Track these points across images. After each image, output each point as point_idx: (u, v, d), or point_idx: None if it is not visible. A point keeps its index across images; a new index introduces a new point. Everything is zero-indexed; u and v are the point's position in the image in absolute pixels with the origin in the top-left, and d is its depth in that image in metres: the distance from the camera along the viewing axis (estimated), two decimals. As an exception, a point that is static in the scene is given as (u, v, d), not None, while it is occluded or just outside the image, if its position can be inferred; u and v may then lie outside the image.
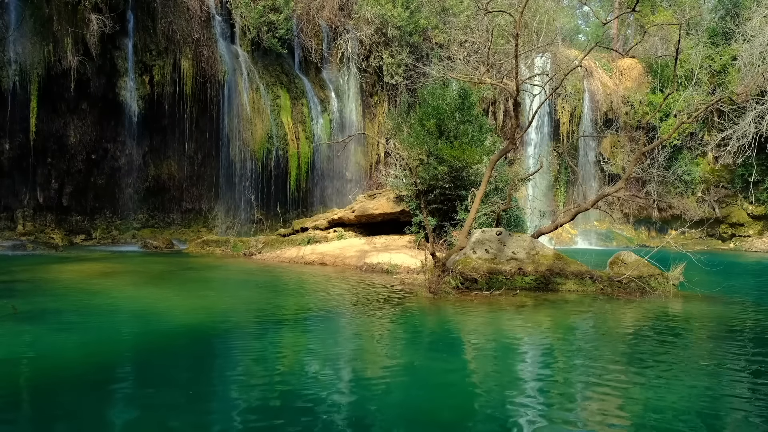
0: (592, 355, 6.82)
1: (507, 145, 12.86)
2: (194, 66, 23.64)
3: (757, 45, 26.51)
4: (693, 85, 26.96)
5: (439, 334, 7.93)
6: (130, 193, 24.16)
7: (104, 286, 11.46)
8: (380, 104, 28.99)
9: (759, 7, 27.61)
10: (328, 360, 6.28)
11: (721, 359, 6.56)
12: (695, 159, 30.06)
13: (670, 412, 4.74)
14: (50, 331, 7.33)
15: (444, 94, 18.33)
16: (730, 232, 30.32)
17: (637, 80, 31.79)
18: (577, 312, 9.71)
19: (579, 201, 28.97)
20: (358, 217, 19.63)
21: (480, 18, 26.58)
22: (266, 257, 18.42)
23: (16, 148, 21.19)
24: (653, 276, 11.58)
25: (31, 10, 20.26)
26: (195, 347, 6.92)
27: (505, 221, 15.39)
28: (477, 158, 17.09)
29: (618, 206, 30.57)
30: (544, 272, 11.50)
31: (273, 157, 25.14)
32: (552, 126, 31.08)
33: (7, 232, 21.48)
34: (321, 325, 8.31)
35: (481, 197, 11.87)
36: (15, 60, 20.02)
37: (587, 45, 29.60)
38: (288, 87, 26.29)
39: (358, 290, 11.70)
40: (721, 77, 28.68)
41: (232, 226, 25.10)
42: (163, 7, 22.95)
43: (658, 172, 23.45)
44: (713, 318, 9.29)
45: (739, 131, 25.89)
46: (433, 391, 5.36)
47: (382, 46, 27.78)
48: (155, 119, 23.67)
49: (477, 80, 14.22)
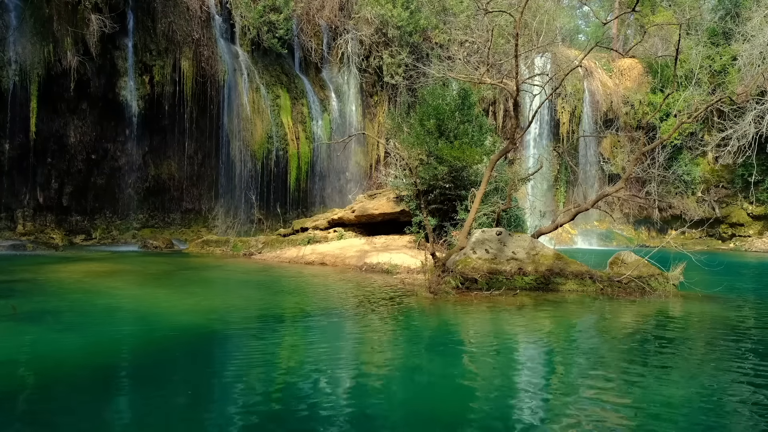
0: (592, 354, 6.82)
1: (507, 145, 12.86)
2: (194, 66, 23.65)
3: (757, 45, 26.52)
4: (693, 85, 26.97)
5: (439, 334, 7.93)
6: (130, 193, 24.17)
7: (104, 286, 11.46)
8: (380, 104, 29.00)
9: (759, 7, 27.61)
10: (328, 360, 6.28)
11: (721, 359, 6.56)
12: (695, 159, 30.08)
13: (671, 412, 4.74)
14: (50, 331, 7.33)
15: (444, 94, 18.34)
16: (730, 232, 30.32)
17: (637, 80, 31.81)
18: (577, 312, 9.71)
19: (579, 201, 28.97)
20: (358, 217, 19.63)
21: (480, 18, 26.58)
22: (266, 257, 18.42)
23: (16, 148, 21.19)
24: (653, 276, 11.58)
25: (31, 10, 20.26)
26: (195, 347, 6.92)
27: (505, 221, 15.39)
28: (477, 158, 17.09)
29: (618, 206, 30.58)
30: (544, 272, 11.50)
31: (273, 157, 25.15)
32: (552, 126, 31.09)
33: (7, 232, 21.48)
34: (321, 325, 8.31)
35: (481, 197, 11.87)
36: (15, 60, 20.02)
37: (587, 45, 29.58)
38: (288, 87, 26.29)
39: (358, 290, 11.70)
40: (721, 77, 28.69)
41: (232, 226, 25.10)
42: (163, 7, 22.96)
43: (658, 172, 23.44)
44: (713, 318, 9.28)
45: (739, 131, 25.90)
46: (433, 391, 5.35)
47: (382, 46, 27.79)
48: (155, 119, 23.68)
49: (477, 80, 14.21)
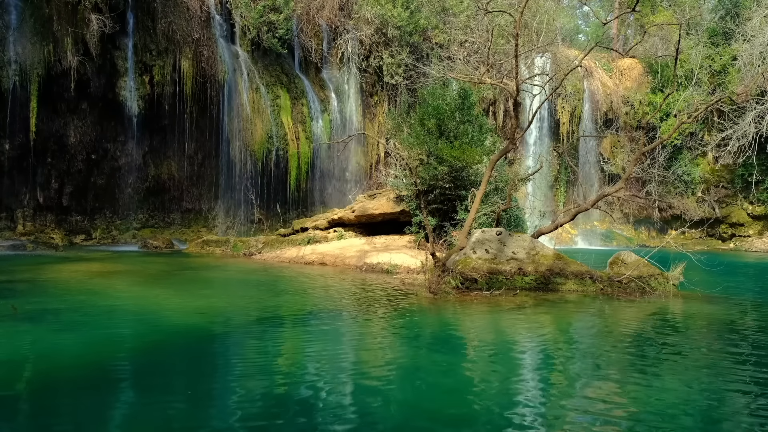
0: (592, 354, 6.82)
1: (507, 145, 12.86)
2: (194, 66, 23.64)
3: (757, 45, 26.52)
4: (693, 85, 26.95)
5: (439, 334, 7.93)
6: (130, 193, 24.17)
7: (104, 286, 11.46)
8: (380, 104, 29.00)
9: (759, 7, 27.61)
10: (328, 360, 6.28)
11: (721, 359, 6.55)
12: (695, 159, 30.06)
13: (671, 412, 4.74)
14: (50, 331, 7.33)
15: (444, 94, 18.33)
16: (730, 232, 30.31)
17: (637, 80, 31.79)
18: (577, 312, 9.71)
19: (579, 201, 28.98)
20: (358, 217, 19.63)
21: (480, 18, 26.58)
22: (266, 257, 18.42)
23: (16, 148, 21.19)
24: (653, 276, 11.58)
25: (31, 10, 20.26)
26: (194, 347, 6.92)
27: (505, 221, 15.39)
28: (477, 158, 17.09)
29: (618, 206, 30.57)
30: (544, 272, 11.50)
31: (273, 157, 25.15)
32: (552, 126, 31.08)
33: (7, 232, 21.48)
34: (321, 325, 8.31)
35: (481, 197, 11.87)
36: (15, 60, 20.02)
37: (587, 45, 29.60)
38: (288, 87, 26.28)
39: (358, 290, 11.70)
40: (721, 77, 28.68)
41: (232, 226, 25.09)
42: (163, 7, 22.95)
43: (658, 172, 23.45)
44: (713, 318, 9.28)
45: (739, 131, 25.90)
46: (433, 391, 5.36)
47: (382, 46, 27.78)
48: (155, 119, 23.68)
49: (477, 80, 14.21)
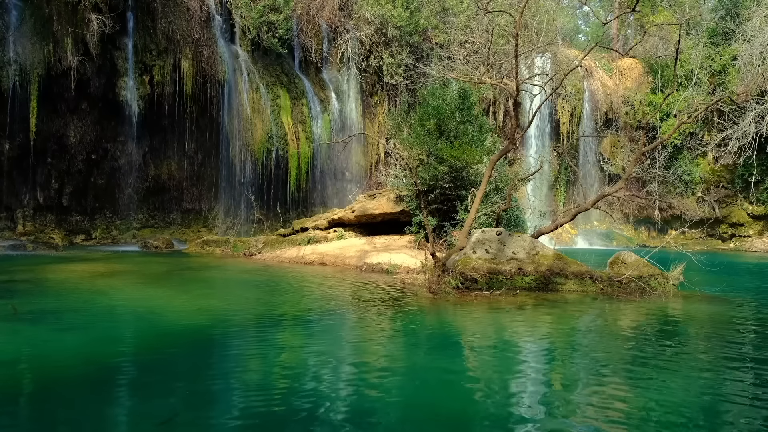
0: (592, 354, 6.82)
1: (507, 145, 12.86)
2: (194, 66, 23.65)
3: (757, 45, 26.52)
4: (693, 85, 26.95)
5: (439, 334, 7.93)
6: (130, 193, 24.18)
7: (104, 286, 11.46)
8: (380, 104, 29.00)
9: (759, 7, 27.62)
10: (327, 360, 6.28)
11: (721, 359, 6.55)
12: (695, 159, 30.06)
13: (671, 412, 4.74)
14: (50, 331, 7.33)
15: (444, 94, 18.33)
16: (730, 232, 30.31)
17: (637, 80, 31.80)
18: (577, 312, 9.71)
19: (579, 201, 28.96)
20: (358, 217, 19.63)
21: (480, 18, 26.58)
22: (266, 257, 18.42)
23: (16, 148, 21.20)
24: (653, 276, 11.57)
25: (31, 10, 20.26)
26: (194, 347, 6.92)
27: (505, 221, 15.39)
28: (477, 158, 17.09)
29: (618, 206, 30.57)
30: (544, 272, 11.49)
31: (273, 157, 25.15)
32: (552, 126, 31.08)
33: (7, 232, 21.49)
34: (321, 325, 8.31)
35: (481, 197, 11.87)
36: (15, 60, 20.03)
37: (587, 45, 29.59)
38: (288, 87, 26.29)
39: (358, 290, 11.70)
40: (721, 77, 28.68)
41: (232, 226, 25.10)
42: (163, 7, 22.95)
43: (658, 172, 23.44)
44: (713, 318, 9.28)
45: (739, 131, 25.90)
46: (433, 391, 5.35)
47: (382, 46, 27.79)
48: (155, 119, 23.69)
49: (477, 80, 14.21)
